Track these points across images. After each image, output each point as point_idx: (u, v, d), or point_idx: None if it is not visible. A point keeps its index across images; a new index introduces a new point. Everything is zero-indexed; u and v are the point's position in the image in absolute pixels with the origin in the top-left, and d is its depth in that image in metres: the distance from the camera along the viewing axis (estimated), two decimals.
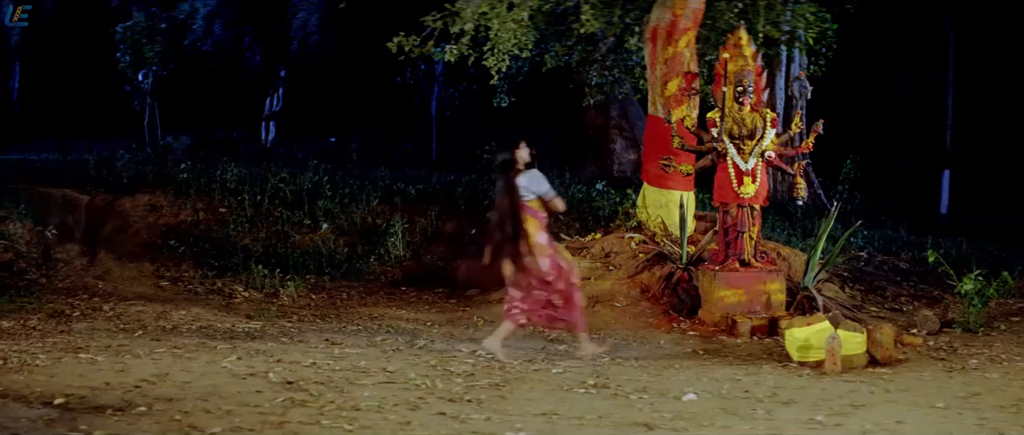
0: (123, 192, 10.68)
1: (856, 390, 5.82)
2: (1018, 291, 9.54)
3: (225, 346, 6.62)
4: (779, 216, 12.04)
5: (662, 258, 7.97)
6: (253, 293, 8.67)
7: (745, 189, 7.27)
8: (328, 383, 5.67)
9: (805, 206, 12.84)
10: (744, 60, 7.39)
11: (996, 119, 19.72)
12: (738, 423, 4.99)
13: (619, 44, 9.26)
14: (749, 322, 7.14)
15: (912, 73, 17.78)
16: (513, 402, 5.36)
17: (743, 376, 6.10)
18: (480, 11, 7.69)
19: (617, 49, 9.49)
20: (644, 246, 8.13)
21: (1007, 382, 6.09)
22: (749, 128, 7.34)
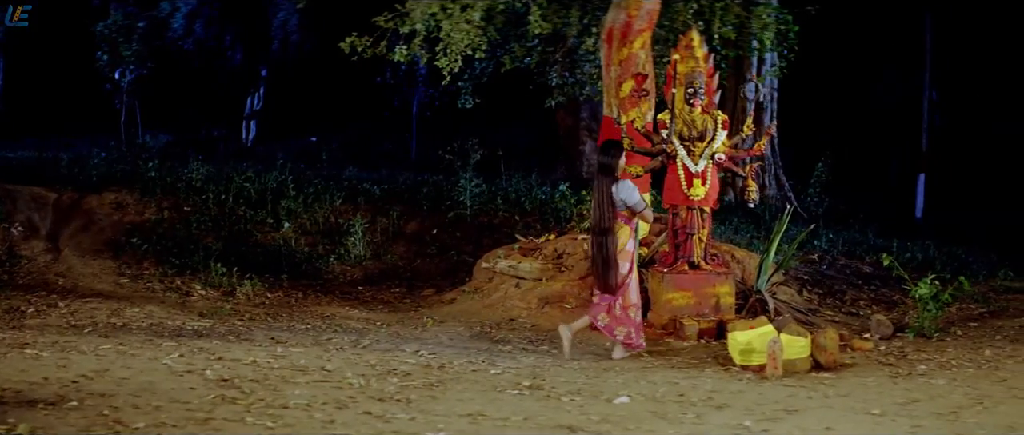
0: (91, 190, 10.70)
1: (794, 395, 5.80)
2: (982, 296, 9.54)
3: (170, 343, 6.63)
4: (746, 218, 12.04)
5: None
6: (210, 291, 8.68)
7: (694, 191, 7.26)
8: (263, 381, 5.68)
9: (775, 209, 12.82)
10: (695, 62, 7.37)
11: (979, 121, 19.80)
12: (664, 427, 4.99)
13: (578, 45, 9.25)
14: (696, 325, 7.13)
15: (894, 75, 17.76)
16: (443, 402, 5.36)
17: (682, 379, 6.10)
18: (430, 12, 7.71)
19: (576, 50, 9.48)
20: None
21: (951, 389, 6.06)
22: (699, 130, 7.32)
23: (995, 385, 6.13)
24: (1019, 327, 8.24)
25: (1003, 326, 8.25)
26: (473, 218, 10.31)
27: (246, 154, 16.39)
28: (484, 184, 10.82)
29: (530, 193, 10.74)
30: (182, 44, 16.46)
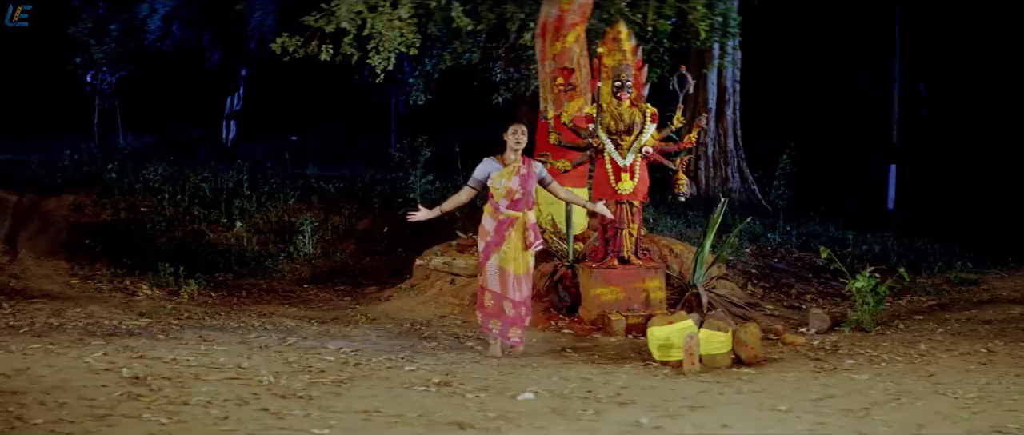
0: (52, 192, 10.78)
1: (706, 391, 5.78)
2: (934, 289, 9.44)
3: (99, 342, 6.67)
4: (701, 212, 11.94)
5: (548, 255, 7.93)
6: (156, 291, 8.73)
7: (623, 185, 7.22)
8: (175, 378, 5.72)
9: (738, 202, 12.74)
10: (622, 54, 7.33)
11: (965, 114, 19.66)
12: (557, 424, 4.98)
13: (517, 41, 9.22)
14: (624, 320, 7.10)
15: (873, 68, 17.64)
16: (344, 399, 5.38)
17: (597, 375, 6.08)
18: (355, 10, 7.70)
19: (517, 45, 9.45)
20: None
21: (873, 384, 6.02)
22: (627, 123, 7.28)
23: (920, 381, 6.09)
24: (965, 320, 8.17)
25: (949, 319, 8.18)
26: None
27: (226, 154, 16.46)
28: (438, 181, 10.81)
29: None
30: (160, 46, 16.53)
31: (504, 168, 6.40)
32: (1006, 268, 10.31)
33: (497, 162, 6.43)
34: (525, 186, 6.39)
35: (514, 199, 6.36)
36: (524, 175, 6.39)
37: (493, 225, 6.39)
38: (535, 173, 6.47)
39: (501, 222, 6.37)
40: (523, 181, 6.38)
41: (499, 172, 6.38)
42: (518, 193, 6.36)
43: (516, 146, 6.35)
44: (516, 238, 6.35)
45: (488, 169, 6.43)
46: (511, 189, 6.35)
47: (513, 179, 6.35)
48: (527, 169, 6.43)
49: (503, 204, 6.37)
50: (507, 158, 6.42)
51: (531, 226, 6.40)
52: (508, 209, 6.37)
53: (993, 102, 19.45)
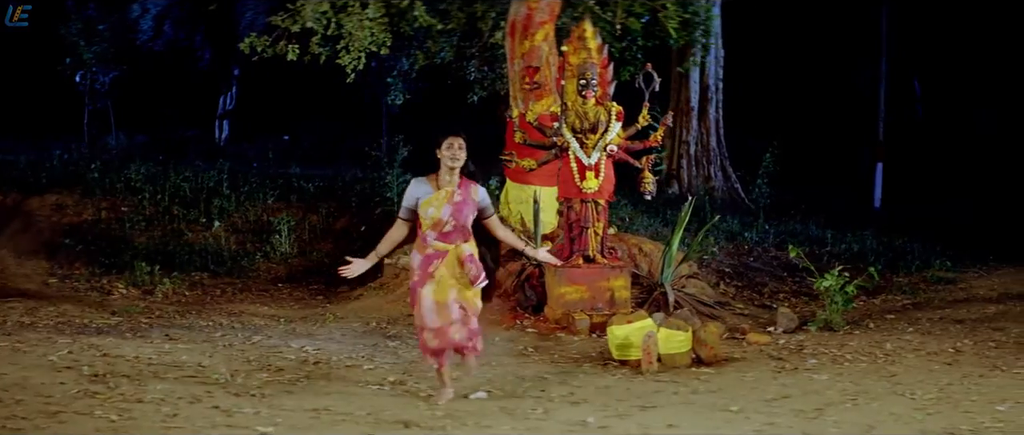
0: (36, 192, 10.87)
1: (661, 391, 5.79)
2: (911, 287, 9.40)
3: (66, 340, 6.73)
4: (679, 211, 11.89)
5: (515, 254, 7.92)
6: (132, 290, 8.80)
7: (588, 184, 7.23)
8: (134, 376, 5.78)
9: (719, 201, 12.72)
10: (587, 53, 7.33)
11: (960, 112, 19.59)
12: (504, 422, 5.01)
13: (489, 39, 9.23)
14: (588, 319, 7.10)
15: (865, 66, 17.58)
16: (297, 397, 5.42)
17: (552, 375, 6.10)
18: (321, 10, 7.74)
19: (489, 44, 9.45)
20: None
21: (831, 384, 6.01)
22: (592, 122, 7.28)
23: (880, 381, 6.08)
24: (937, 319, 8.14)
25: (920, 318, 8.15)
26: None
27: (218, 153, 16.53)
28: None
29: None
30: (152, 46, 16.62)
31: (435, 193, 5.12)
32: (986, 267, 10.28)
33: (428, 184, 5.15)
34: (458, 217, 5.12)
35: (443, 231, 5.13)
36: (458, 203, 5.13)
37: (418, 260, 5.20)
38: (473, 201, 5.18)
39: (428, 256, 5.16)
40: (456, 210, 5.12)
41: (428, 197, 5.10)
42: (449, 225, 5.11)
43: (452, 164, 5.06)
44: (446, 275, 5.15)
45: (417, 193, 5.17)
46: (439, 220, 5.10)
47: (444, 208, 5.09)
48: (463, 195, 5.14)
49: (430, 236, 5.13)
50: (441, 179, 5.13)
51: (467, 258, 5.17)
52: (437, 242, 5.15)
53: (989, 101, 19.39)
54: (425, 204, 5.11)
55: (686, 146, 13.91)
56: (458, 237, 5.17)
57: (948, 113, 19.63)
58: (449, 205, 5.10)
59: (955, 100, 19.84)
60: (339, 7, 7.71)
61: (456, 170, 5.11)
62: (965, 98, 19.77)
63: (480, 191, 5.23)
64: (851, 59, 17.86)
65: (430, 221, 5.10)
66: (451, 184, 5.12)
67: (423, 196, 5.13)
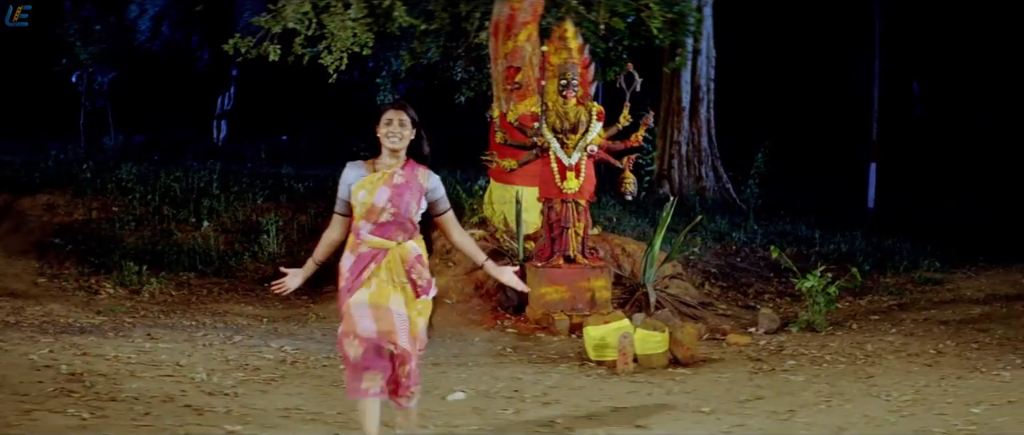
0: (27, 192, 10.92)
1: (635, 391, 5.80)
2: (897, 288, 9.37)
3: (48, 339, 6.76)
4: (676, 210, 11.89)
5: (498, 254, 7.95)
6: (119, 290, 8.84)
7: (568, 184, 7.24)
8: (111, 375, 5.81)
9: (710, 201, 12.70)
10: (568, 53, 7.34)
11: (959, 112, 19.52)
12: (472, 422, 5.05)
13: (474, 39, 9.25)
14: (567, 320, 7.11)
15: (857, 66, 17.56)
16: (269, 396, 5.45)
17: (528, 375, 6.11)
18: (302, 10, 7.77)
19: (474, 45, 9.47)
20: (483, 242, 8.13)
21: (807, 385, 6.01)
22: (573, 122, 7.29)
23: (857, 382, 6.07)
24: (921, 320, 8.11)
25: (904, 320, 8.13)
26: None
27: (216, 154, 16.59)
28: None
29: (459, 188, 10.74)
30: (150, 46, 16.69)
31: (369, 175, 4.12)
32: (975, 267, 10.24)
33: (363, 167, 4.17)
34: (398, 202, 4.06)
35: (378, 221, 4.06)
36: (399, 186, 4.07)
37: (350, 262, 4.12)
38: (421, 187, 4.14)
39: (361, 257, 4.09)
40: (395, 195, 4.06)
41: (361, 180, 4.11)
42: (386, 213, 4.05)
43: (391, 144, 4.07)
44: (385, 280, 4.06)
45: (349, 178, 4.18)
46: (373, 206, 4.04)
47: (379, 191, 4.05)
48: (406, 177, 4.11)
49: (364, 228, 4.09)
50: (380, 163, 4.15)
51: (413, 261, 4.10)
52: (371, 235, 4.08)
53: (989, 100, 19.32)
54: (358, 188, 4.10)
55: (677, 146, 13.91)
56: (399, 231, 4.09)
57: (948, 113, 19.57)
58: (386, 187, 4.06)
59: (955, 99, 19.77)
60: (321, 8, 7.74)
61: (400, 152, 4.11)
62: (965, 97, 19.70)
63: (432, 178, 4.20)
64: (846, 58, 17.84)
65: (363, 208, 4.07)
66: (392, 166, 4.11)
67: (355, 180, 4.15)
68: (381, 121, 4.13)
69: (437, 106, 13.05)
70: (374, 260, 4.10)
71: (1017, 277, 9.32)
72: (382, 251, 4.10)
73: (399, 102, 4.24)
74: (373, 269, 4.09)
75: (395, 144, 4.08)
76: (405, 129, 4.10)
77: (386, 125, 4.10)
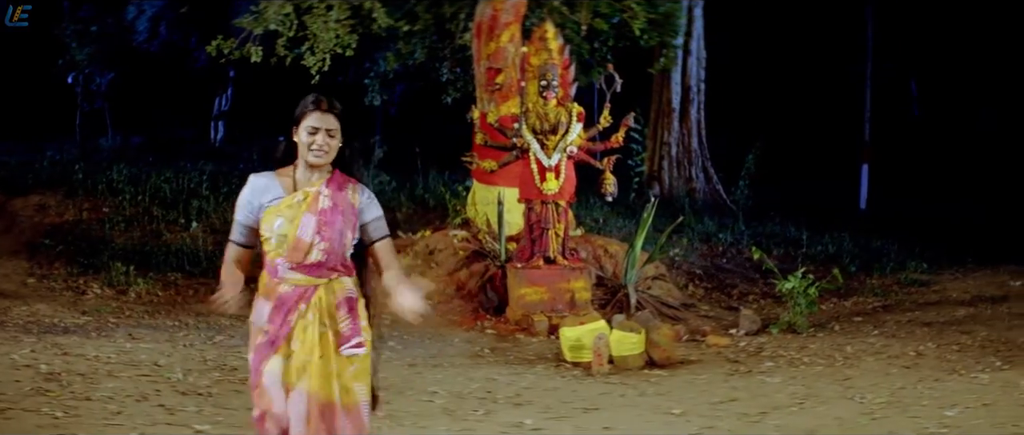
0: (20, 193, 10.99)
1: (608, 393, 5.81)
2: (882, 289, 9.36)
3: (31, 339, 6.82)
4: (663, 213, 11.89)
5: (480, 255, 7.97)
6: (106, 290, 8.88)
7: (548, 185, 7.26)
8: (88, 374, 5.86)
9: (701, 202, 12.70)
10: (548, 54, 7.36)
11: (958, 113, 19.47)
12: (441, 423, 5.08)
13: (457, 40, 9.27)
14: (546, 321, 7.13)
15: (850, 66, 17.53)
16: (244, 397, 5.44)
17: (503, 376, 6.13)
18: (284, 12, 7.81)
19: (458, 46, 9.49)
20: (465, 243, 8.16)
21: (782, 387, 6.02)
22: (552, 123, 7.31)
23: (833, 384, 6.07)
24: (905, 322, 8.11)
25: (888, 321, 8.12)
26: None
27: (213, 155, 16.62)
28: (395, 181, 10.90)
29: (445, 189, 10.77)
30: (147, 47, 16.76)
31: (287, 196, 3.14)
32: (963, 269, 10.23)
33: (277, 182, 3.18)
34: (330, 234, 3.10)
35: (306, 260, 3.09)
36: (327, 212, 3.12)
37: (266, 311, 3.14)
38: (352, 208, 3.17)
39: (282, 299, 3.11)
40: (324, 225, 3.11)
41: (276, 204, 3.13)
42: (315, 251, 3.09)
43: (317, 159, 3.12)
44: (312, 332, 3.08)
45: (257, 198, 3.18)
46: (298, 242, 3.08)
47: (303, 220, 3.09)
48: (334, 198, 3.14)
49: (281, 266, 3.11)
50: (298, 175, 3.18)
51: (343, 303, 3.13)
52: (293, 272, 3.11)
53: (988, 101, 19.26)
54: (271, 213, 3.13)
55: (667, 147, 13.91)
56: (331, 268, 3.13)
57: (946, 113, 19.51)
58: (311, 215, 3.10)
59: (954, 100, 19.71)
60: (304, 9, 7.78)
61: (324, 158, 3.13)
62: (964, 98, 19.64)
63: (363, 193, 3.21)
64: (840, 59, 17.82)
65: (282, 243, 3.09)
66: (316, 183, 3.14)
67: (267, 201, 3.16)
68: (302, 126, 3.12)
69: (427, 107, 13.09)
70: (303, 300, 3.10)
71: (1004, 278, 9.31)
72: (311, 288, 3.11)
73: (327, 100, 3.18)
74: (297, 315, 3.09)
75: (319, 159, 3.12)
76: (334, 140, 3.13)
77: (309, 134, 3.11)
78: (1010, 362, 6.44)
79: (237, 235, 3.26)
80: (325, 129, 3.13)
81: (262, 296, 3.17)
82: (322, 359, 3.08)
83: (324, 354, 3.08)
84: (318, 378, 3.06)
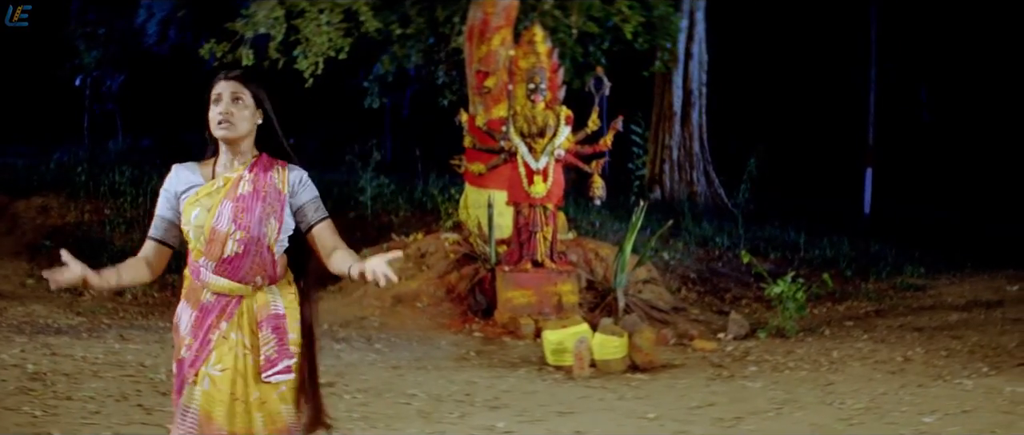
0: (23, 195, 11.15)
1: (586, 397, 5.81)
2: (877, 293, 9.28)
3: (23, 339, 6.91)
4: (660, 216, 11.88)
5: (471, 258, 7.99)
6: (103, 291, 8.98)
7: (536, 188, 7.27)
8: (74, 374, 5.93)
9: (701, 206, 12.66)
10: (537, 57, 7.38)
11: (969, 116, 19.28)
12: (414, 425, 5.10)
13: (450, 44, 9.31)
14: (533, 324, 7.14)
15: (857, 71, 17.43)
16: None
17: (484, 379, 6.14)
18: (274, 15, 7.87)
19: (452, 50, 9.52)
20: (456, 246, 8.18)
21: (762, 392, 6.00)
22: (540, 126, 7.32)
23: (814, 389, 6.03)
24: (896, 327, 8.04)
25: (879, 325, 8.06)
26: (374, 218, 10.47)
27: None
28: (393, 184, 10.96)
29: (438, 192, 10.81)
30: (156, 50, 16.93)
31: (206, 184, 2.88)
32: (961, 273, 10.13)
33: (198, 171, 2.95)
34: (247, 221, 2.80)
35: (223, 256, 2.81)
36: (246, 197, 2.82)
37: (188, 321, 2.89)
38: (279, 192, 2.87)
39: (204, 309, 2.85)
40: (242, 210, 2.81)
41: (195, 192, 2.87)
42: (232, 242, 2.80)
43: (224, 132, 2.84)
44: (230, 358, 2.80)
45: (175, 188, 2.94)
46: (214, 232, 2.80)
47: (221, 207, 2.81)
48: (258, 182, 2.85)
49: (204, 268, 2.85)
50: (219, 163, 2.93)
51: (267, 322, 2.83)
52: (215, 277, 2.83)
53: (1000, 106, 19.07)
54: (190, 204, 2.86)
55: (668, 151, 13.88)
56: (255, 269, 2.82)
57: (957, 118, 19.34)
58: (228, 201, 2.81)
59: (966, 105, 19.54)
60: (296, 13, 7.84)
61: (241, 145, 2.87)
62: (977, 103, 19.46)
63: (293, 172, 2.91)
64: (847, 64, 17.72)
65: (200, 235, 2.82)
66: (238, 168, 2.86)
67: (185, 191, 2.90)
68: (212, 92, 2.88)
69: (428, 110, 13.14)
70: (224, 316, 2.81)
71: (1001, 283, 9.21)
72: (234, 301, 2.82)
73: (236, 70, 2.96)
74: (223, 330, 2.80)
75: (228, 132, 2.82)
76: (244, 109, 2.83)
77: (215, 103, 2.85)
78: (997, 368, 6.38)
79: (152, 229, 2.97)
80: (229, 94, 2.84)
81: (185, 299, 2.93)
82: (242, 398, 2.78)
83: (244, 389, 2.78)
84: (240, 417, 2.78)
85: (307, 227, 2.89)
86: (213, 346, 2.80)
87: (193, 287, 2.91)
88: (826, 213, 13.33)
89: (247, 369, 2.79)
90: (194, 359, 2.83)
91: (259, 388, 2.79)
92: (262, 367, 2.78)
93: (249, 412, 2.79)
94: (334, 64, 8.68)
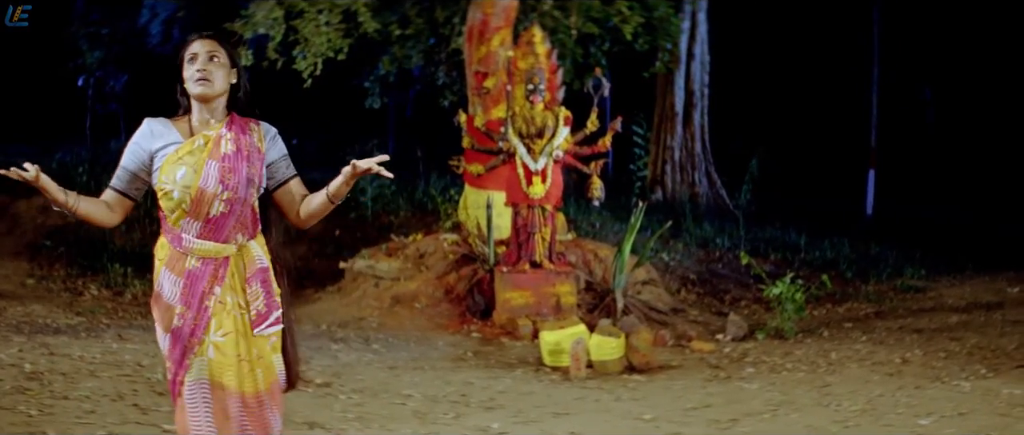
0: (23, 195, 11.16)
1: (582, 398, 5.81)
2: (877, 295, 9.26)
3: (21, 339, 6.92)
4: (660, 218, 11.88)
5: (469, 259, 7.99)
6: (103, 291, 9.01)
7: (534, 189, 7.27)
8: (70, 374, 5.94)
9: (703, 207, 12.64)
10: (535, 58, 7.38)
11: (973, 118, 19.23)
12: (408, 425, 5.10)
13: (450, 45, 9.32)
14: (531, 325, 7.14)
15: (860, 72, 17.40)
16: None
17: (480, 380, 6.14)
18: (273, 16, 7.88)
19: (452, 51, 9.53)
20: (455, 247, 8.18)
21: (759, 394, 5.99)
22: (539, 127, 7.32)
23: (812, 391, 6.02)
24: (896, 328, 8.02)
25: (878, 327, 8.04)
26: (374, 218, 10.48)
27: None
28: (394, 184, 10.96)
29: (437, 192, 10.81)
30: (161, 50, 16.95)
31: (185, 142, 2.86)
32: (962, 275, 10.11)
33: (172, 127, 2.91)
34: (234, 181, 2.82)
35: (209, 215, 2.81)
36: (230, 156, 2.83)
37: (176, 286, 2.83)
38: (258, 150, 2.91)
39: (193, 276, 2.81)
40: (228, 171, 2.82)
41: (173, 150, 2.84)
42: (218, 202, 2.81)
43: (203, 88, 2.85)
44: (230, 322, 2.81)
45: (149, 143, 2.90)
46: (202, 193, 2.79)
47: (208, 167, 2.80)
48: (239, 142, 2.86)
49: (189, 232, 2.82)
50: (194, 120, 2.91)
51: (256, 276, 2.87)
52: (200, 241, 2.82)
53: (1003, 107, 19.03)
54: (170, 162, 2.81)
55: (670, 152, 13.87)
56: (238, 227, 2.84)
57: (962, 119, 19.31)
58: (214, 161, 2.79)
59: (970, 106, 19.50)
60: (295, 13, 7.86)
61: (215, 102, 2.88)
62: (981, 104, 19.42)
63: (268, 133, 2.95)
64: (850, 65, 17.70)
65: (186, 197, 2.79)
66: (215, 126, 2.85)
67: (161, 148, 2.86)
68: (187, 51, 2.87)
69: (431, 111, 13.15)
70: (217, 280, 2.80)
71: (1002, 285, 9.19)
72: (223, 263, 2.80)
73: (210, 31, 2.98)
74: (219, 295, 2.79)
75: (206, 88, 2.82)
76: (221, 67, 2.85)
77: (190, 61, 2.85)
78: (995, 370, 6.36)
79: (115, 180, 2.93)
80: (205, 52, 2.86)
81: (167, 268, 2.84)
82: (246, 357, 2.81)
83: (246, 348, 2.82)
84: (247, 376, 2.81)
85: (278, 183, 2.97)
86: (211, 313, 2.80)
87: (174, 256, 2.87)
88: (828, 214, 13.30)
89: (245, 327, 2.84)
90: (193, 328, 2.80)
91: (255, 343, 2.85)
92: (254, 322, 2.83)
93: (253, 369, 2.83)
94: (336, 64, 8.72)
